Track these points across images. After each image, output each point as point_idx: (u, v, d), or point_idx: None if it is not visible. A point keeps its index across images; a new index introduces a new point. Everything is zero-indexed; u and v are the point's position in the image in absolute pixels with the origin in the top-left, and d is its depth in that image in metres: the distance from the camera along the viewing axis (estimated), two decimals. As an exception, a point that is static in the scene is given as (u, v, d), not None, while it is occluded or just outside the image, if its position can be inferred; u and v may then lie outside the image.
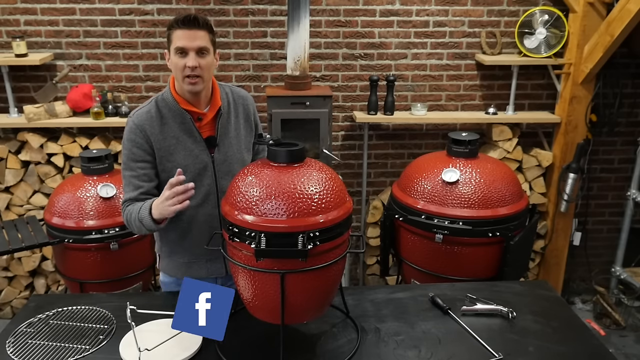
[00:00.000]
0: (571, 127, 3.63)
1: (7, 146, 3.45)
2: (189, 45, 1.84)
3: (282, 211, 1.53)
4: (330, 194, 1.60)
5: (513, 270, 2.69)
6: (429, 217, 2.64)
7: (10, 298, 3.67)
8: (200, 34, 1.86)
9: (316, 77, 3.68)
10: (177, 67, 1.87)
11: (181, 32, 1.84)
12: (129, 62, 3.58)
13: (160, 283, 2.20)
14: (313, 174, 1.61)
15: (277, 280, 1.59)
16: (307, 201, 1.55)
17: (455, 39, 3.66)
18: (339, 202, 1.62)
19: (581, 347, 1.78)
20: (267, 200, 1.55)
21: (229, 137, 2.02)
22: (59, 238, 2.81)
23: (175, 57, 1.87)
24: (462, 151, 2.74)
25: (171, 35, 1.87)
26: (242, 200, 1.59)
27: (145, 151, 1.93)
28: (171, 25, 1.88)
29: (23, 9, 3.44)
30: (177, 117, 1.94)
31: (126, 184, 1.95)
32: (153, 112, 1.94)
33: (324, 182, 1.61)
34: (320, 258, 1.58)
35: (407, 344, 1.78)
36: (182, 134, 1.95)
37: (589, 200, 3.95)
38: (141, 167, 1.93)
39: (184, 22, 1.84)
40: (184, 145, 1.95)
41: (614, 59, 3.54)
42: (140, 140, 1.92)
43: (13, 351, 1.73)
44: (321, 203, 1.57)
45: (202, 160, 1.97)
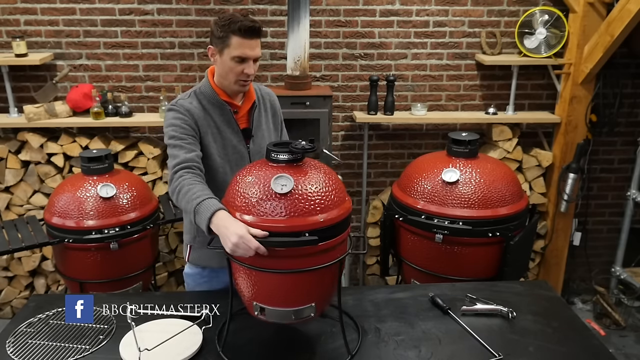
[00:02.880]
0: (571, 127, 3.63)
1: (7, 146, 3.45)
2: (250, 54, 1.89)
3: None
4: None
5: (513, 270, 2.69)
6: (429, 217, 2.64)
7: (10, 298, 3.67)
8: (258, 42, 1.91)
9: (316, 77, 3.68)
10: (234, 71, 1.92)
11: (243, 41, 1.87)
12: (129, 62, 3.58)
13: (184, 275, 2.21)
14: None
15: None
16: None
17: (455, 39, 3.66)
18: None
19: (581, 347, 1.79)
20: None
21: (262, 129, 2.09)
22: (59, 238, 2.81)
23: (232, 63, 1.90)
24: (462, 151, 2.74)
25: (229, 39, 1.88)
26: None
27: (194, 130, 1.94)
28: (230, 30, 1.86)
29: (23, 9, 3.43)
30: (217, 108, 1.99)
31: (178, 147, 1.88)
32: (195, 103, 1.98)
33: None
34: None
35: (407, 344, 1.78)
36: (222, 124, 2.00)
37: (589, 200, 3.94)
38: (193, 136, 1.93)
39: (248, 32, 1.86)
40: (224, 135, 2.00)
41: (614, 59, 3.54)
42: (189, 120, 1.94)
43: (13, 351, 1.73)
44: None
45: (240, 151, 2.03)
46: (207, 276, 2.15)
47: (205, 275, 2.15)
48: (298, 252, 1.55)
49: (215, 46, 1.93)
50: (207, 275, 2.15)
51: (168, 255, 3.60)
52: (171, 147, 1.90)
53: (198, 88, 2.03)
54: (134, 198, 2.91)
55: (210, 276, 2.14)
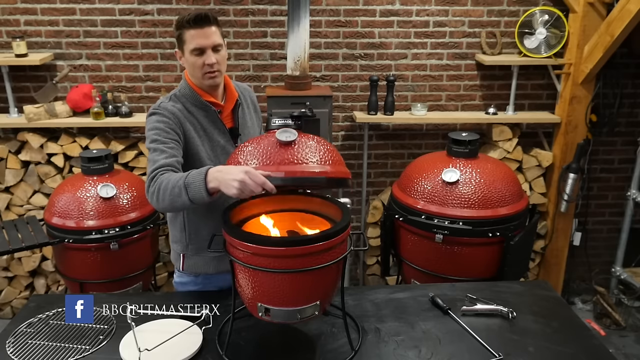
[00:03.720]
0: (571, 127, 3.63)
1: (7, 146, 3.45)
2: (205, 43, 1.86)
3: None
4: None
5: (513, 270, 2.69)
6: (429, 217, 2.64)
7: (10, 298, 3.67)
8: (213, 30, 1.87)
9: (316, 77, 3.68)
10: (196, 65, 1.89)
11: (194, 32, 1.85)
12: (129, 62, 3.58)
13: (174, 284, 2.17)
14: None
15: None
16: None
17: (455, 39, 3.66)
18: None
19: (581, 347, 1.78)
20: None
21: (248, 127, 2.07)
22: (59, 238, 2.81)
23: (192, 57, 1.88)
24: (462, 151, 2.74)
25: (183, 36, 1.88)
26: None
27: (178, 134, 1.88)
28: (181, 26, 1.87)
29: (23, 9, 3.43)
30: (201, 110, 1.96)
31: (159, 152, 1.80)
32: (179, 106, 1.94)
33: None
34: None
35: (407, 344, 1.78)
36: (208, 125, 1.96)
37: (589, 200, 3.95)
38: (175, 144, 1.86)
39: (196, 21, 1.84)
40: (211, 137, 1.97)
41: (614, 59, 3.54)
42: (172, 124, 1.87)
43: (13, 351, 1.73)
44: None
45: (228, 151, 1.98)
46: (200, 283, 2.09)
47: (199, 282, 2.09)
48: (302, 251, 1.55)
49: (179, 48, 1.93)
50: (200, 282, 2.09)
51: (168, 255, 3.60)
52: (152, 152, 1.81)
53: (178, 91, 1.97)
54: (134, 198, 2.91)
55: (203, 283, 2.09)
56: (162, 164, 1.76)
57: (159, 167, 1.75)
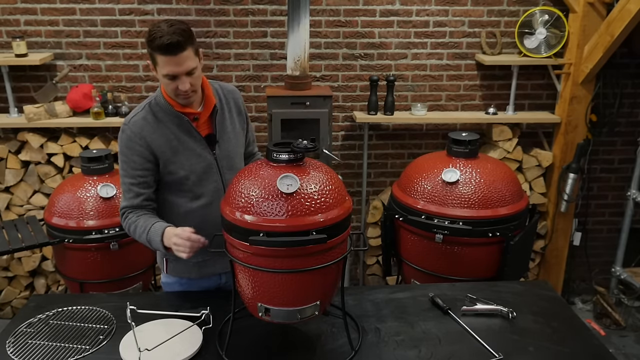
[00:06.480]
0: (571, 127, 3.63)
1: (7, 146, 3.45)
2: (177, 71, 1.78)
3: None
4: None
5: (513, 270, 2.69)
6: (429, 217, 2.64)
7: (10, 298, 3.67)
8: (185, 55, 1.76)
9: (316, 77, 3.68)
10: (169, 87, 1.84)
11: (167, 59, 1.75)
12: (129, 62, 3.58)
13: (161, 284, 2.21)
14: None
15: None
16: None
17: (455, 39, 3.66)
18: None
19: (581, 347, 1.79)
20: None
21: (227, 132, 2.02)
22: (59, 238, 2.81)
23: (165, 80, 1.81)
24: (462, 151, 2.74)
25: (155, 57, 1.78)
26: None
27: (146, 158, 1.90)
28: (152, 48, 1.76)
29: (23, 9, 3.43)
30: (174, 119, 1.92)
31: (126, 190, 1.93)
32: (149, 117, 1.91)
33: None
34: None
35: (407, 344, 1.78)
36: (182, 135, 1.93)
37: (589, 200, 3.95)
38: (141, 174, 1.91)
39: (169, 49, 1.73)
40: (186, 146, 1.94)
41: (614, 59, 3.54)
42: (139, 148, 1.89)
43: (13, 351, 1.73)
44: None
45: (206, 159, 1.96)
46: (185, 284, 2.12)
47: (184, 283, 2.12)
48: (302, 251, 1.55)
49: (152, 62, 1.83)
50: (185, 283, 2.12)
51: (168, 255, 3.60)
52: (122, 182, 1.95)
53: (154, 99, 1.94)
54: (134, 198, 2.91)
55: (189, 284, 2.12)
56: (127, 205, 1.94)
57: (125, 207, 1.94)
